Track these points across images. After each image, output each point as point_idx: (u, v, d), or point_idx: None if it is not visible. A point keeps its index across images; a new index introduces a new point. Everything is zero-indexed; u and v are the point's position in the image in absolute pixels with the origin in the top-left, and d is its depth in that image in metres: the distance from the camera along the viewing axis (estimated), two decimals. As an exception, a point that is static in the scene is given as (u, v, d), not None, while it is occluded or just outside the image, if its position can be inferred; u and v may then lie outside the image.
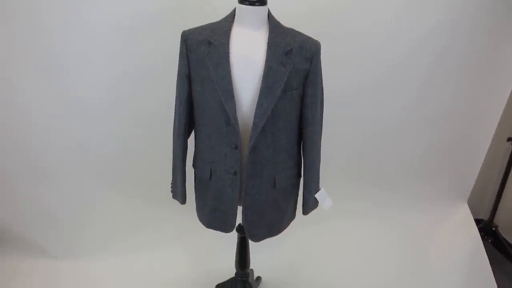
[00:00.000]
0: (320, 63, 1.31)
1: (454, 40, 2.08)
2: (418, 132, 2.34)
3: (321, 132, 1.43)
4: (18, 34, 1.84)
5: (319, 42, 1.29)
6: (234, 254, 1.75)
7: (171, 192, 1.51)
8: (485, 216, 2.57)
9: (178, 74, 1.32)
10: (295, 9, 1.87)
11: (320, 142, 1.43)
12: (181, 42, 1.27)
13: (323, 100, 1.40)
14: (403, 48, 2.10)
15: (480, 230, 2.41)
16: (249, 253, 1.74)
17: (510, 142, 2.24)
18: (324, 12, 1.96)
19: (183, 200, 1.47)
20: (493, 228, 2.41)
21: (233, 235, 1.61)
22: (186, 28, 1.28)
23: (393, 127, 2.31)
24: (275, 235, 1.47)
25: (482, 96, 2.25)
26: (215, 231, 1.45)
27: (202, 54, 1.21)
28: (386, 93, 2.22)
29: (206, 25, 1.28)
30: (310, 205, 1.48)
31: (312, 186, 1.45)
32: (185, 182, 1.45)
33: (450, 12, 2.01)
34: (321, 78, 1.34)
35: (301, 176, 1.47)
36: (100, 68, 1.99)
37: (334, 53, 1.96)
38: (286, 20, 1.32)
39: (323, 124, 1.45)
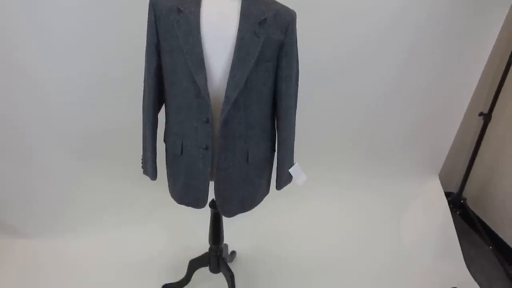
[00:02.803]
0: (296, 34, 1.26)
1: (428, 17, 2.06)
2: (396, 106, 2.33)
3: (296, 107, 1.40)
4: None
5: (294, 12, 1.24)
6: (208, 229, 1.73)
7: (142, 167, 1.47)
8: (454, 189, 2.65)
9: (146, 44, 1.24)
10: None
11: (295, 116, 1.40)
12: (149, 9, 1.19)
13: (298, 73, 1.35)
14: (381, 24, 2.06)
15: (449, 202, 2.48)
16: (222, 228, 1.73)
17: (481, 117, 2.27)
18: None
19: (153, 176, 1.43)
20: (462, 201, 2.48)
21: (207, 210, 1.60)
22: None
23: (373, 102, 2.30)
24: (248, 210, 1.46)
25: (456, 71, 2.26)
26: (188, 207, 1.43)
27: (171, 22, 1.15)
28: (366, 68, 2.19)
29: (176, -9, 1.21)
30: (283, 180, 1.47)
31: (286, 161, 1.43)
32: (155, 157, 1.41)
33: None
34: (297, 50, 1.30)
35: (275, 151, 1.45)
36: (69, 43, 1.88)
37: (314, 26, 1.93)
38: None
39: (300, 97, 1.42)
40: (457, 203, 2.50)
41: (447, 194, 2.56)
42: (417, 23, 2.08)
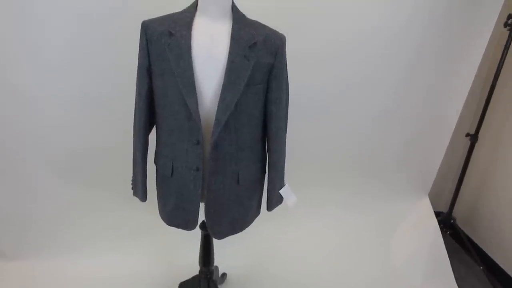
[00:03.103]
0: (285, 57, 1.29)
1: (417, 41, 2.12)
2: (386, 128, 2.37)
3: (286, 128, 1.41)
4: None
5: (284, 36, 1.27)
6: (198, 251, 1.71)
7: (132, 189, 1.46)
8: (444, 209, 2.67)
9: (138, 66, 1.25)
10: (262, 2, 1.84)
11: (285, 137, 1.41)
12: (141, 32, 1.21)
13: (288, 96, 1.37)
14: (374, 49, 2.11)
15: (439, 222, 2.49)
16: (213, 250, 1.71)
17: (468, 138, 2.31)
18: (292, 7, 1.93)
19: (143, 198, 1.42)
20: (452, 221, 2.50)
21: (197, 232, 1.58)
22: (147, 18, 1.22)
23: (354, 125, 2.33)
24: (239, 232, 1.45)
25: (443, 93, 2.32)
26: (178, 228, 1.41)
27: (163, 46, 1.16)
28: (358, 92, 2.23)
29: (167, 15, 1.23)
30: (274, 201, 1.46)
31: (277, 182, 1.43)
32: (145, 179, 1.40)
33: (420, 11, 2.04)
34: (287, 73, 1.32)
35: (265, 172, 1.45)
36: (60, 61, 1.88)
37: (305, 51, 1.97)
38: (252, 14, 1.28)
39: (292, 119, 1.43)
40: (447, 223, 2.51)
41: (437, 214, 2.57)
42: (407, 48, 2.13)
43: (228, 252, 2.16)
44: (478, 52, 2.20)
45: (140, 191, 1.40)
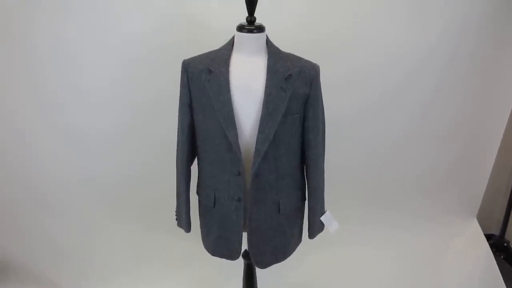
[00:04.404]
0: (320, 86, 1.31)
1: (456, 54, 2.09)
2: (423, 149, 2.32)
3: (324, 155, 1.42)
4: (18, 69, 1.90)
5: (318, 66, 1.30)
6: (241, 282, 1.72)
7: (176, 220, 1.50)
8: (495, 231, 2.53)
9: (179, 103, 1.32)
10: (295, 36, 1.89)
11: (324, 164, 1.42)
12: (181, 71, 1.28)
13: (324, 123, 1.39)
14: (406, 66, 2.11)
15: (491, 246, 2.36)
16: (256, 280, 1.71)
17: (516, 156, 2.22)
18: (323, 39, 1.98)
19: (187, 228, 1.46)
20: (505, 244, 2.36)
21: (240, 263, 1.59)
22: (187, 57, 1.30)
23: (398, 145, 2.30)
24: (282, 260, 1.45)
25: (485, 109, 2.25)
26: (221, 258, 1.43)
27: (203, 83, 1.22)
28: (389, 112, 2.22)
29: (206, 53, 1.30)
30: (316, 228, 1.46)
31: (317, 209, 1.43)
32: (189, 210, 1.44)
33: (449, 30, 2.03)
34: (322, 101, 1.35)
35: (305, 200, 1.46)
36: (104, 100, 2.02)
37: (336, 74, 1.99)
38: (284, 46, 1.33)
39: (326, 146, 1.45)
40: (500, 246, 2.38)
41: (488, 237, 2.44)
42: (444, 63, 2.11)
43: (272, 282, 2.13)
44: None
45: (184, 221, 1.44)
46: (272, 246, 1.38)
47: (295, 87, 1.22)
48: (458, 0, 1.97)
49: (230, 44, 1.28)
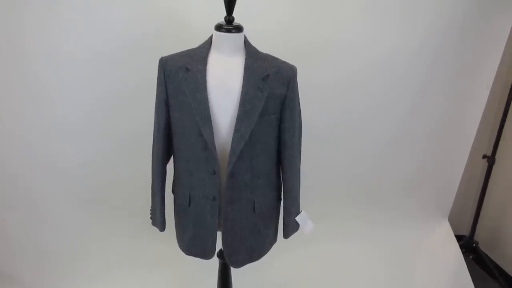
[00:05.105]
0: (297, 87, 1.33)
1: (432, 64, 2.16)
2: (400, 151, 2.37)
3: (300, 156, 1.43)
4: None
5: (295, 67, 1.31)
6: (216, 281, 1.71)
7: (150, 219, 1.49)
8: (466, 232, 2.61)
9: (156, 100, 1.31)
10: (275, 38, 1.90)
11: (299, 165, 1.43)
12: (158, 68, 1.27)
13: (301, 124, 1.40)
14: (388, 74, 2.15)
15: (461, 246, 2.43)
16: (231, 279, 1.70)
17: (485, 159, 2.29)
18: (303, 40, 2.00)
19: (162, 227, 1.45)
20: (474, 245, 2.44)
21: (215, 262, 1.59)
22: (164, 54, 1.28)
23: (378, 149, 2.35)
24: (256, 260, 1.45)
25: (457, 115, 2.32)
26: (196, 258, 1.43)
27: (180, 80, 1.22)
28: (372, 118, 2.26)
29: (184, 51, 1.29)
30: (290, 228, 1.47)
31: (292, 209, 1.44)
32: (164, 209, 1.43)
33: (432, 33, 2.09)
34: (299, 102, 1.36)
35: (281, 200, 1.47)
36: (80, 96, 1.99)
37: (317, 79, 2.01)
38: (263, 47, 1.33)
39: (303, 147, 1.46)
40: (469, 247, 2.45)
41: (459, 238, 2.52)
42: (419, 72, 2.16)
43: (247, 281, 2.14)
44: (490, 73, 2.21)
45: (158, 220, 1.43)
46: (247, 245, 1.38)
47: (272, 87, 1.23)
48: (441, 1, 2.02)
49: (208, 43, 1.28)
